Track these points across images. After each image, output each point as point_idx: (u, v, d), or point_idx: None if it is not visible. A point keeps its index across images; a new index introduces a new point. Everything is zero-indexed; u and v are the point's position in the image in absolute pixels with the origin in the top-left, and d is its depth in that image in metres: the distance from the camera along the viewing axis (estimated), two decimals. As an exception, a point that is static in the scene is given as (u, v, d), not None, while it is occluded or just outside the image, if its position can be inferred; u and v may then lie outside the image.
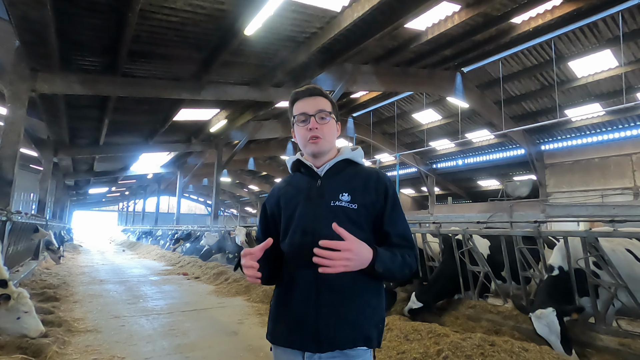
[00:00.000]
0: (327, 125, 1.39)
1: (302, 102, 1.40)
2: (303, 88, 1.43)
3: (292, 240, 1.33)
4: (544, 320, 3.34)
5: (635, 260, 3.70)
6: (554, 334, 3.28)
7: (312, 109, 1.37)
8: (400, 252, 1.29)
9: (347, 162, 1.42)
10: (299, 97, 1.41)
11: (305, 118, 1.37)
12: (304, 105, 1.39)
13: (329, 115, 1.39)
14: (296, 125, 1.41)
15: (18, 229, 6.76)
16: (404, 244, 1.33)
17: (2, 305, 3.41)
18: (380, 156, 20.06)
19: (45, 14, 5.87)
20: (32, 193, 22.68)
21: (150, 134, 14.46)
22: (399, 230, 1.34)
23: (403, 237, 1.34)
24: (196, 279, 9.20)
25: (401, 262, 1.27)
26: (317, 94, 1.40)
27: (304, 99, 1.40)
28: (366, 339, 1.26)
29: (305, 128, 1.37)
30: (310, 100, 1.39)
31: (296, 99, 1.42)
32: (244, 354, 3.87)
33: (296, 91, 1.43)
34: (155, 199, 29.19)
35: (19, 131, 7.29)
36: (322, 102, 1.39)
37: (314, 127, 1.36)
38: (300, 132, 1.39)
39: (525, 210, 16.40)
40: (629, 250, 3.76)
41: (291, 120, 1.44)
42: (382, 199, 1.34)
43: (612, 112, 13.96)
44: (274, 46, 8.28)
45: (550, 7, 9.14)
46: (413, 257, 1.32)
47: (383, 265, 1.20)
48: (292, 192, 1.42)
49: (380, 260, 1.19)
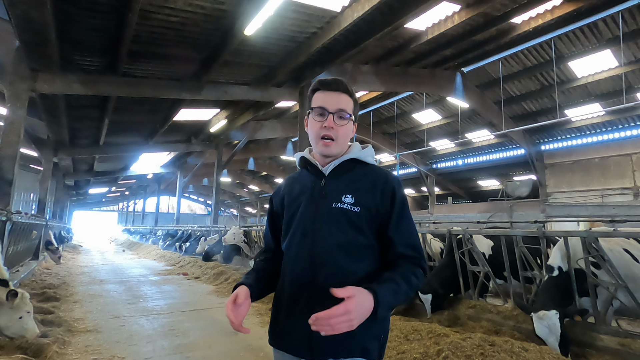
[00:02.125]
0: (344, 127, 1.29)
1: (324, 95, 1.29)
2: (329, 79, 1.32)
3: (292, 241, 1.29)
4: (546, 321, 3.33)
5: (633, 260, 3.71)
6: (554, 335, 3.27)
7: (332, 106, 1.27)
8: (406, 271, 1.19)
9: (355, 162, 1.33)
10: (321, 88, 1.31)
11: (323, 113, 1.28)
12: (325, 99, 1.29)
13: (348, 115, 1.30)
14: (312, 117, 1.31)
15: (18, 229, 6.76)
16: (410, 254, 1.23)
17: (9, 302, 3.41)
18: (380, 156, 20.06)
19: (45, 14, 5.87)
20: (32, 193, 22.70)
21: (150, 134, 14.47)
22: (405, 238, 1.24)
23: (410, 246, 1.24)
24: (196, 279, 9.20)
25: (406, 290, 1.15)
26: (341, 89, 1.30)
27: (327, 92, 1.30)
28: (363, 350, 1.17)
29: (320, 124, 1.28)
30: (333, 96, 1.29)
31: (318, 89, 1.32)
32: (244, 354, 3.87)
33: (320, 80, 1.32)
34: (155, 199, 29.21)
35: (19, 131, 7.29)
36: (345, 100, 1.30)
37: (330, 126, 1.26)
38: (315, 126, 1.30)
39: (525, 210, 16.41)
40: (626, 250, 3.77)
41: (307, 109, 1.35)
42: (388, 202, 1.25)
43: (612, 112, 13.96)
44: (274, 46, 8.28)
45: (550, 7, 9.13)
46: (421, 273, 1.21)
47: (386, 307, 1.09)
48: (296, 191, 1.36)
49: (383, 304, 1.07)
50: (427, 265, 1.28)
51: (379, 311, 1.06)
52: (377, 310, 1.06)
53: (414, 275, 1.19)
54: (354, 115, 1.33)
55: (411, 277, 1.18)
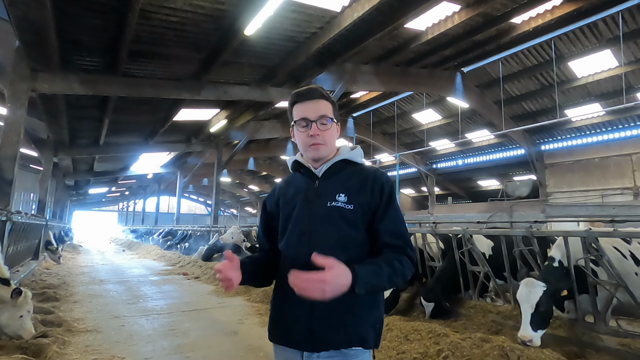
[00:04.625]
0: (328, 131, 1.35)
1: (303, 106, 1.36)
2: (303, 90, 1.38)
3: (289, 240, 1.34)
4: (529, 288, 3.43)
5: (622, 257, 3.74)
6: (529, 303, 3.36)
7: (313, 115, 1.33)
8: (390, 257, 1.23)
9: (345, 162, 1.39)
10: (299, 100, 1.37)
11: (307, 124, 1.34)
12: (304, 110, 1.35)
13: (330, 120, 1.36)
14: (296, 129, 1.37)
15: (18, 229, 6.76)
16: (396, 242, 1.27)
17: (14, 299, 3.41)
18: (380, 156, 20.05)
19: (45, 14, 5.87)
20: (32, 193, 22.68)
21: (150, 134, 14.47)
22: (390, 226, 1.29)
23: (395, 234, 1.28)
24: (196, 279, 9.20)
25: (389, 273, 1.19)
26: (317, 96, 1.36)
27: (305, 102, 1.36)
28: (361, 339, 1.24)
29: (306, 134, 1.34)
30: (312, 105, 1.35)
31: (296, 102, 1.38)
32: (244, 354, 3.87)
33: (296, 92, 1.39)
34: (155, 199, 29.21)
35: (19, 131, 7.29)
36: (323, 105, 1.36)
37: (315, 133, 1.33)
38: (301, 137, 1.36)
39: (525, 210, 16.40)
40: (615, 248, 3.80)
41: (290, 122, 1.41)
42: (377, 197, 1.32)
43: (612, 112, 13.96)
44: (274, 46, 8.28)
45: (550, 7, 9.14)
46: (407, 260, 1.25)
47: (365, 285, 1.13)
48: (291, 193, 1.41)
49: (361, 281, 1.12)
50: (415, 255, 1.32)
51: (357, 288, 1.11)
52: (355, 287, 1.11)
53: (399, 261, 1.23)
54: (335, 117, 1.39)
55: (394, 263, 1.22)
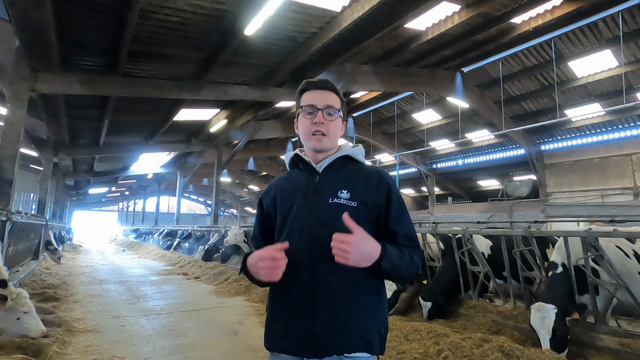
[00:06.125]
0: (333, 123, 1.35)
1: (312, 94, 1.36)
2: (315, 79, 1.39)
3: (288, 239, 1.27)
4: (542, 313, 3.37)
5: (625, 256, 3.74)
6: (545, 328, 3.30)
7: (321, 103, 1.33)
8: (407, 250, 1.27)
9: (347, 159, 1.38)
10: (309, 88, 1.37)
11: (313, 110, 1.33)
12: (313, 97, 1.35)
13: (337, 112, 1.35)
14: (302, 115, 1.36)
15: (18, 229, 6.76)
16: (410, 244, 1.30)
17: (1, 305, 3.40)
18: (380, 156, 20.06)
19: (45, 14, 5.86)
20: (32, 193, 22.67)
21: (150, 134, 14.46)
22: (405, 230, 1.31)
23: (409, 237, 1.31)
24: (196, 279, 9.20)
25: (409, 261, 1.24)
26: (328, 88, 1.37)
27: (315, 90, 1.36)
28: (366, 344, 1.20)
29: (310, 121, 1.33)
30: (321, 94, 1.35)
31: (306, 89, 1.38)
32: (244, 354, 3.87)
33: (307, 81, 1.39)
34: (155, 199, 29.19)
35: (19, 131, 7.29)
36: (332, 97, 1.36)
37: (320, 121, 1.32)
38: (305, 123, 1.35)
39: (525, 210, 16.40)
40: (618, 247, 3.79)
41: (297, 110, 1.40)
42: (384, 197, 1.31)
43: (612, 112, 13.96)
44: (274, 46, 8.28)
45: (550, 7, 9.13)
46: (419, 257, 1.30)
47: (390, 262, 1.17)
48: (289, 190, 1.36)
49: (388, 257, 1.17)
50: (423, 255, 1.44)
51: (383, 261, 1.16)
52: (382, 260, 1.16)
53: (415, 254, 1.29)
54: (342, 113, 1.39)
55: (413, 255, 1.28)
